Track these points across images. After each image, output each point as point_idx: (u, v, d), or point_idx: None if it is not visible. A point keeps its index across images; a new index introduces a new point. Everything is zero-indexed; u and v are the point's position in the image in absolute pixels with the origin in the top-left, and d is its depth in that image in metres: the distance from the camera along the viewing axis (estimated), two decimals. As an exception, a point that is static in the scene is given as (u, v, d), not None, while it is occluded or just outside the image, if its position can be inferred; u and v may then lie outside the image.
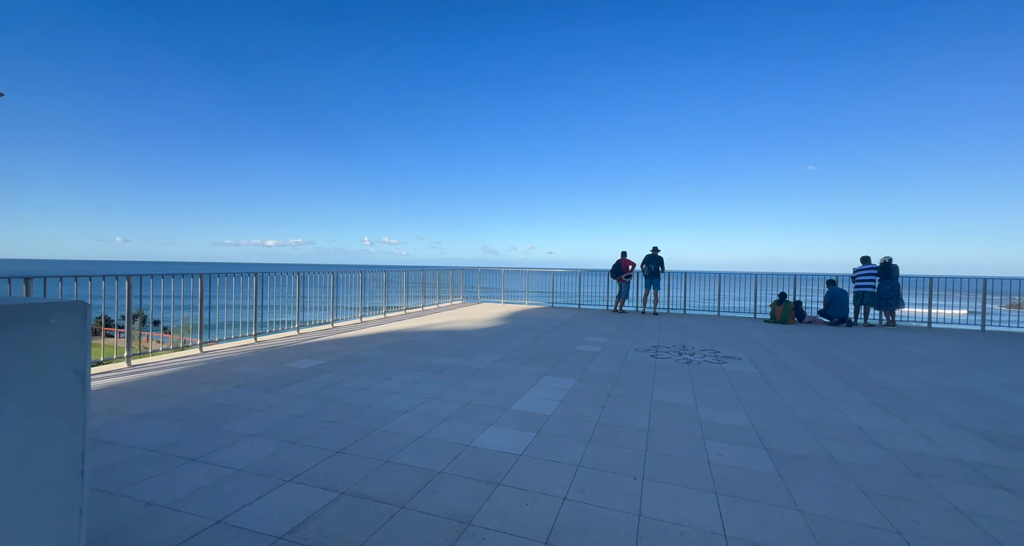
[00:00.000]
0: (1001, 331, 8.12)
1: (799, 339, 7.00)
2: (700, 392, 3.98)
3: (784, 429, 3.09)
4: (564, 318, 9.24)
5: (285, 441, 2.73)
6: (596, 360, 5.25)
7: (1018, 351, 6.18)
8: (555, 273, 12.01)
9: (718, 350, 5.96)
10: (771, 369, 4.90)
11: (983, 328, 8.28)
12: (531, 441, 2.83)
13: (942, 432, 3.05)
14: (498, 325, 8.11)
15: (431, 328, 7.63)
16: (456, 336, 6.80)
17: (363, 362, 4.94)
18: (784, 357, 5.57)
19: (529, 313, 10.19)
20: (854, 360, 5.43)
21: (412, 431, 2.97)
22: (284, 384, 3.99)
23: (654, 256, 10.18)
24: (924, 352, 6.01)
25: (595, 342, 6.46)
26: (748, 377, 4.54)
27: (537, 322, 8.56)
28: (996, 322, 8.54)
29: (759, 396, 3.87)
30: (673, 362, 5.21)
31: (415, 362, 4.99)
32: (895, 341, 6.90)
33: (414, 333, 7.05)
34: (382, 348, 5.77)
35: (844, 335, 7.47)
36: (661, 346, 6.22)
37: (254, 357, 5.08)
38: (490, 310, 10.78)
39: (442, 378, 4.32)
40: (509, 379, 4.33)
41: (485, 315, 9.69)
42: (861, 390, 4.10)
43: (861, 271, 8.79)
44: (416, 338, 6.58)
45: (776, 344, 6.52)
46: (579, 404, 3.60)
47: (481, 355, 5.43)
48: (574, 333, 7.26)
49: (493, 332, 7.26)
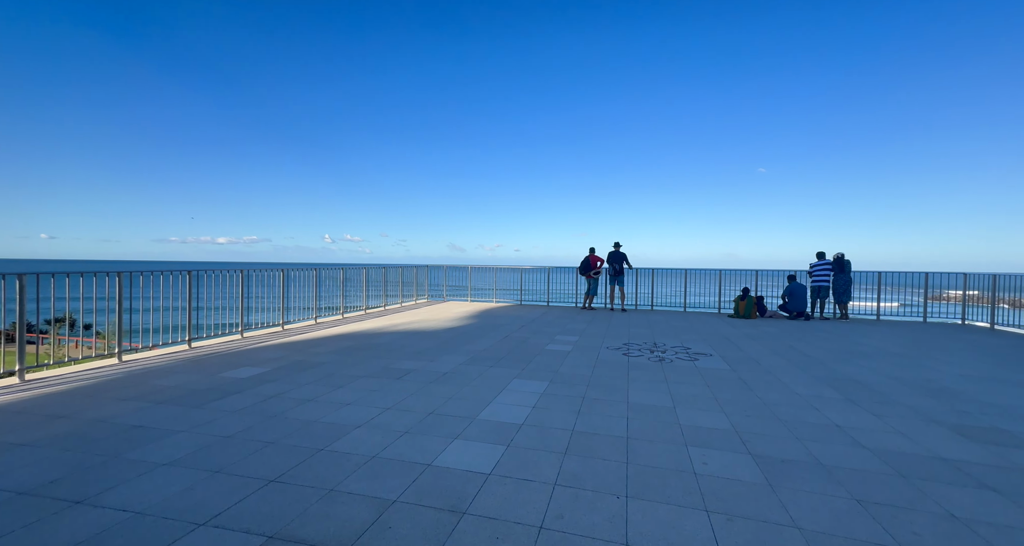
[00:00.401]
0: (940, 322, 8.64)
1: (763, 333, 7.10)
2: (676, 392, 3.82)
3: (765, 431, 2.96)
4: (533, 316, 9.00)
5: (206, 470, 2.28)
6: (568, 360, 5.02)
7: (961, 341, 6.53)
8: (523, 270, 11.77)
9: (688, 346, 5.89)
10: (742, 365, 4.85)
11: (924, 320, 8.80)
12: (501, 456, 2.53)
13: (916, 428, 3.02)
14: (465, 324, 7.75)
15: (393, 329, 7.16)
16: (419, 337, 6.39)
17: (313, 368, 4.45)
18: (752, 352, 5.57)
19: (497, 311, 9.89)
20: (818, 354, 5.51)
21: (364, 449, 2.59)
22: (216, 398, 3.47)
23: (617, 253, 10.14)
24: (879, 344, 6.21)
25: (566, 341, 6.24)
26: (721, 374, 4.44)
27: (505, 321, 8.27)
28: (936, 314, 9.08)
29: (735, 395, 3.75)
30: (646, 360, 5.07)
31: (373, 367, 4.55)
32: (850, 334, 7.14)
33: (374, 334, 6.57)
34: (337, 352, 5.27)
35: (804, 328, 7.67)
36: (632, 343, 6.09)
37: (185, 366, 4.47)
38: (456, 309, 10.39)
39: (402, 385, 3.93)
40: (476, 384, 4.00)
41: (451, 314, 9.29)
42: (831, 385, 4.08)
43: (816, 266, 9.11)
44: (376, 340, 6.11)
45: (742, 339, 6.55)
46: (552, 410, 3.33)
47: (446, 357, 5.07)
48: (544, 332, 7.02)
49: (459, 332, 6.90)
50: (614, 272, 10.18)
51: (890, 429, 2.99)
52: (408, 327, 7.37)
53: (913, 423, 3.11)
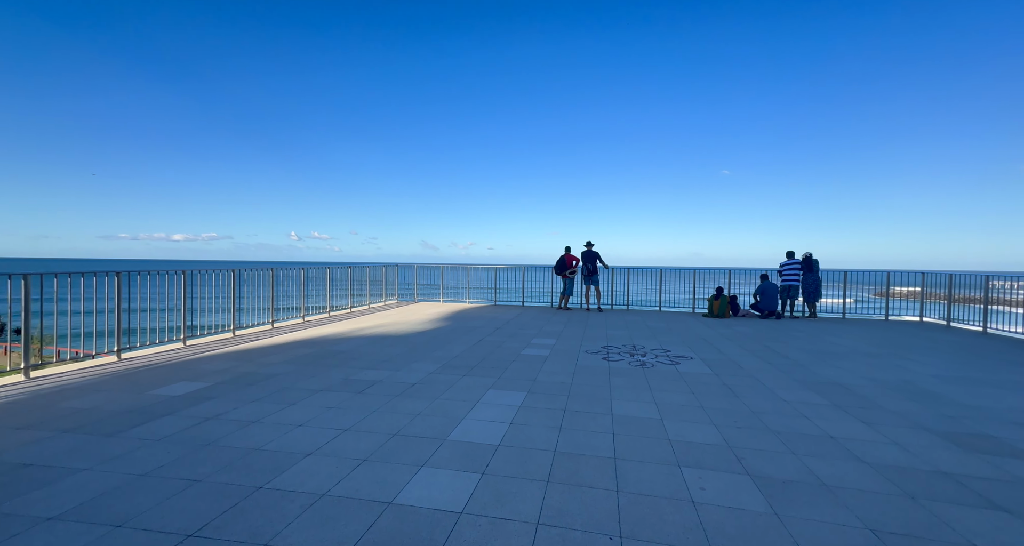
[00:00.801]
0: (900, 320, 8.95)
1: (738, 334, 7.07)
2: (661, 401, 3.60)
3: (759, 444, 2.76)
4: (508, 317, 8.69)
5: (104, 525, 1.83)
6: (546, 366, 4.73)
7: (925, 340, 6.70)
8: (497, 269, 11.44)
9: (668, 349, 5.74)
10: (724, 369, 4.71)
11: (886, 317, 9.09)
12: (475, 487, 2.20)
13: (908, 437, 2.90)
14: (436, 327, 7.35)
15: (358, 333, 6.68)
16: (387, 342, 5.95)
17: (263, 382, 3.96)
18: (731, 354, 5.47)
19: (470, 313, 9.52)
20: (795, 355, 5.47)
21: (314, 484, 2.19)
22: (139, 422, 2.96)
23: (589, 252, 9.98)
24: (850, 344, 6.27)
25: (543, 344, 5.97)
26: (704, 379, 4.27)
27: (479, 323, 7.92)
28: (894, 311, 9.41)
29: (722, 403, 3.57)
30: (627, 365, 4.85)
31: (332, 379, 4.11)
32: (821, 333, 7.22)
33: (337, 340, 6.07)
34: (293, 361, 4.78)
35: (776, 328, 7.73)
36: (612, 346, 5.88)
37: (108, 382, 3.89)
38: (428, 310, 9.94)
39: (364, 400, 3.53)
40: (448, 396, 3.65)
41: (422, 316, 8.85)
42: (814, 389, 3.98)
43: (786, 266, 9.25)
44: (338, 347, 5.63)
45: (720, 340, 6.48)
46: (531, 426, 3.03)
47: (415, 365, 4.68)
48: (520, 334, 6.72)
49: (430, 336, 6.50)
50: (587, 272, 10.02)
51: (883, 439, 2.86)
52: (375, 331, 6.90)
53: (904, 431, 2.99)
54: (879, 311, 9.51)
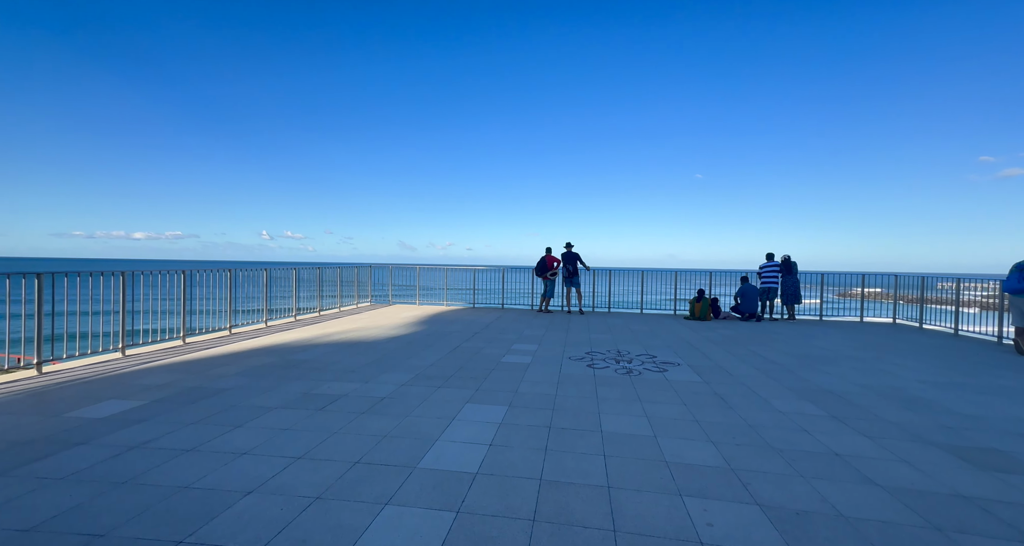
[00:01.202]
0: (875, 322, 9.10)
1: (722, 337, 6.95)
2: (653, 414, 3.33)
3: (763, 465, 2.52)
4: (487, 321, 8.35)
5: (-47, 612, 1.40)
6: (528, 375, 4.42)
7: (902, 342, 6.74)
8: (476, 270, 11.07)
9: (654, 355, 5.52)
10: (713, 376, 4.51)
11: (861, 319, 9.22)
12: (448, 531, 1.85)
13: (915, 453, 2.73)
14: (411, 332, 6.93)
15: (326, 339, 6.19)
16: (356, 350, 5.50)
17: (208, 399, 3.49)
18: (719, 359, 5.30)
19: (448, 316, 9.12)
20: (782, 360, 5.34)
21: (250, 535, 1.80)
22: (43, 455, 2.47)
23: (569, 253, 9.76)
24: (833, 347, 6.23)
25: (524, 351, 5.65)
26: (695, 388, 4.05)
27: (457, 327, 7.54)
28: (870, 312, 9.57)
29: (716, 415, 3.34)
30: (613, 372, 4.59)
31: (290, 393, 3.67)
32: (803, 335, 7.19)
33: (301, 347, 5.58)
34: (248, 373, 4.29)
35: (758, 331, 7.67)
36: (596, 352, 5.62)
37: (19, 403, 3.33)
38: (403, 313, 9.48)
39: (325, 419, 3.12)
40: (420, 413, 3.28)
41: (396, 320, 8.40)
42: (807, 397, 3.81)
43: (765, 268, 9.26)
44: (302, 355, 5.15)
45: (705, 344, 6.33)
46: (514, 448, 2.70)
47: (385, 376, 4.28)
48: (499, 340, 6.39)
49: (404, 342, 6.08)
50: (568, 273, 9.78)
51: (890, 456, 2.67)
52: (344, 337, 6.43)
53: (909, 446, 2.82)
54: (853, 312, 9.65)
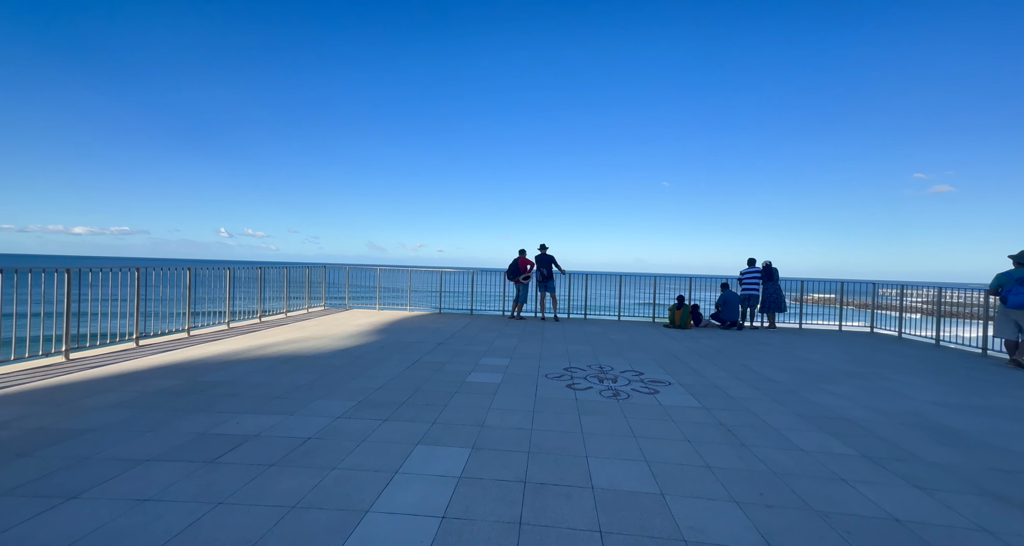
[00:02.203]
0: (853, 330, 8.92)
1: (708, 349, 6.45)
2: (654, 456, 2.66)
3: (810, 541, 1.87)
4: (454, 329, 7.52)
5: None
6: (498, 400, 3.66)
7: (891, 353, 6.44)
8: (444, 273, 10.21)
9: (640, 371, 4.89)
10: (711, 399, 3.91)
11: (840, 327, 9.04)
12: None
13: (989, 515, 2.16)
14: (364, 343, 6.02)
15: (258, 353, 5.20)
16: (292, 366, 4.57)
17: (56, 447, 2.52)
18: (711, 376, 4.73)
19: (410, 323, 8.23)
20: (778, 376, 4.84)
21: None
22: None
23: (544, 256, 9.12)
24: (823, 360, 5.82)
25: (493, 366, 4.89)
26: (695, 416, 3.42)
27: (419, 336, 6.68)
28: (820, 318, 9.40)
29: (731, 458, 2.70)
30: (598, 395, 3.91)
31: (179, 435, 2.75)
32: (789, 346, 6.80)
33: (222, 364, 4.58)
34: (132, 404, 3.31)
35: (743, 341, 7.24)
36: (575, 368, 4.93)
37: None
38: (359, 320, 8.50)
39: (215, 476, 2.24)
40: (354, 463, 2.46)
41: (349, 328, 7.43)
42: (824, 427, 3.25)
43: (747, 274, 8.92)
44: (219, 375, 4.17)
45: (691, 357, 5.78)
46: (477, 521, 1.94)
47: (320, 404, 3.41)
48: (466, 352, 5.60)
49: (353, 356, 5.18)
50: (542, 277, 9.12)
51: (963, 522, 2.09)
52: (281, 349, 5.45)
53: (974, 503, 2.26)
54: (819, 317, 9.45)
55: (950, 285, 7.35)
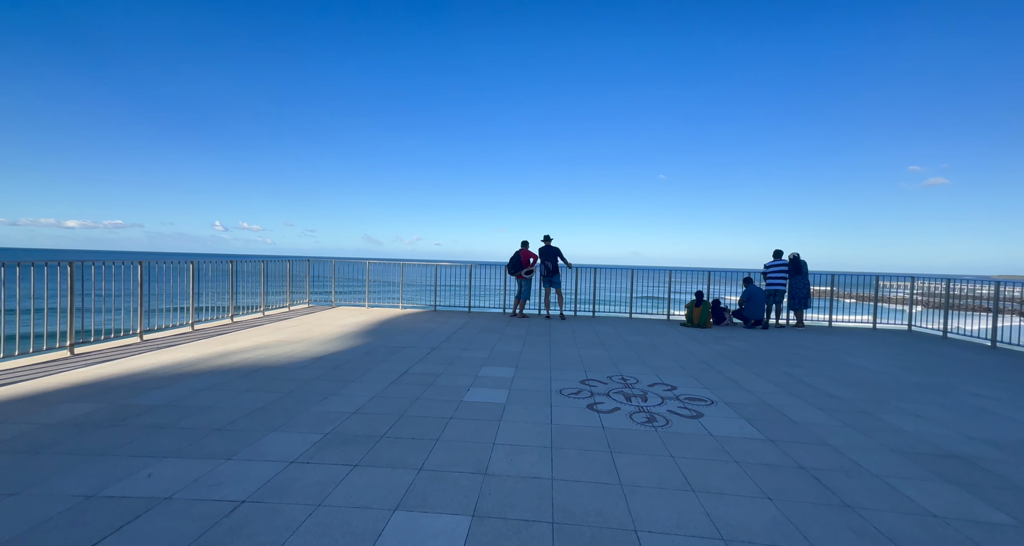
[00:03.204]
0: (889, 329, 8.16)
1: (739, 352, 5.67)
2: (732, 530, 1.86)
3: None
4: (449, 330, 6.71)
5: None
6: (503, 432, 2.86)
7: (947, 358, 5.67)
8: (439, 267, 9.37)
9: (671, 384, 4.10)
10: (770, 425, 3.12)
11: (874, 326, 8.27)
12: None
13: None
14: (346, 348, 5.20)
15: (215, 363, 4.37)
16: (252, 382, 3.74)
17: None
18: (757, 391, 3.94)
19: (401, 323, 7.41)
20: (836, 390, 4.05)
21: None
22: None
23: (548, 248, 8.31)
24: (877, 366, 5.05)
25: (496, 379, 4.08)
26: (762, 455, 2.63)
27: (410, 339, 5.87)
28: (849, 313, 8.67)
29: (843, 533, 1.90)
30: (629, 421, 3.11)
31: (55, 498, 1.93)
32: (830, 350, 6.02)
33: (163, 378, 3.75)
34: (12, 443, 2.48)
35: (774, 342, 6.47)
36: (594, 381, 4.13)
37: None
38: (345, 319, 7.67)
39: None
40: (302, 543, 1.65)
41: (333, 329, 6.61)
42: (937, 470, 2.47)
43: (773, 267, 8.12)
44: (151, 397, 3.35)
45: (723, 363, 4.99)
46: None
47: (272, 440, 2.59)
48: (463, 360, 4.79)
49: (330, 366, 4.37)
50: (547, 271, 8.31)
51: None
52: (247, 358, 4.62)
53: None
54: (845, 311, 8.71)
55: (956, 277, 6.60)
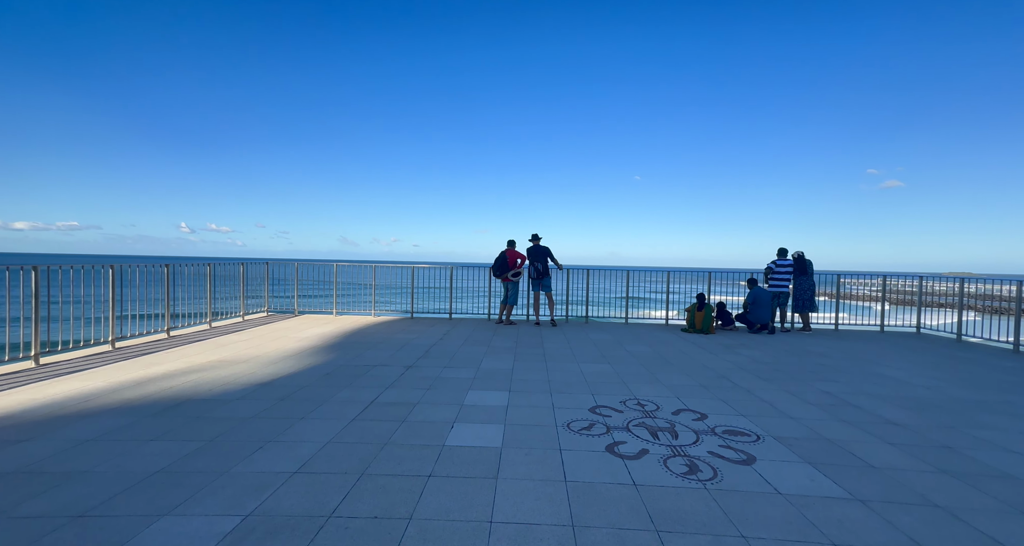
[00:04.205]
0: (899, 331, 7.75)
1: (757, 364, 5.04)
2: None
3: None
4: (428, 341, 5.86)
5: None
6: (501, 498, 2.06)
7: (982, 367, 5.18)
8: (416, 268, 8.48)
9: (701, 411, 3.39)
10: (846, 474, 2.43)
11: (882, 329, 7.85)
12: None
13: None
14: (302, 368, 4.29)
15: (124, 396, 3.39)
16: (163, 426, 2.81)
17: None
18: (802, 417, 3.27)
19: (373, 334, 6.50)
20: (890, 413, 3.43)
21: None
22: None
23: (537, 247, 7.59)
24: (926, 382, 4.48)
25: (486, 409, 3.27)
26: (855, 524, 1.92)
27: (382, 354, 4.99)
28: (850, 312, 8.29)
29: None
30: (664, 472, 2.36)
31: None
32: (854, 358, 5.46)
33: (44, 422, 2.78)
34: None
35: (787, 349, 5.89)
36: (606, 408, 3.38)
37: None
38: (307, 330, 6.70)
39: None
40: None
41: (289, 343, 5.65)
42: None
43: (779, 266, 7.60)
44: (8, 455, 2.39)
45: (746, 378, 4.34)
46: None
47: (155, 535, 1.71)
48: (445, 382, 3.96)
49: (277, 395, 3.46)
50: (536, 273, 7.56)
51: None
52: (171, 387, 3.65)
53: None
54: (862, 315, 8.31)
55: (972, 277, 6.24)
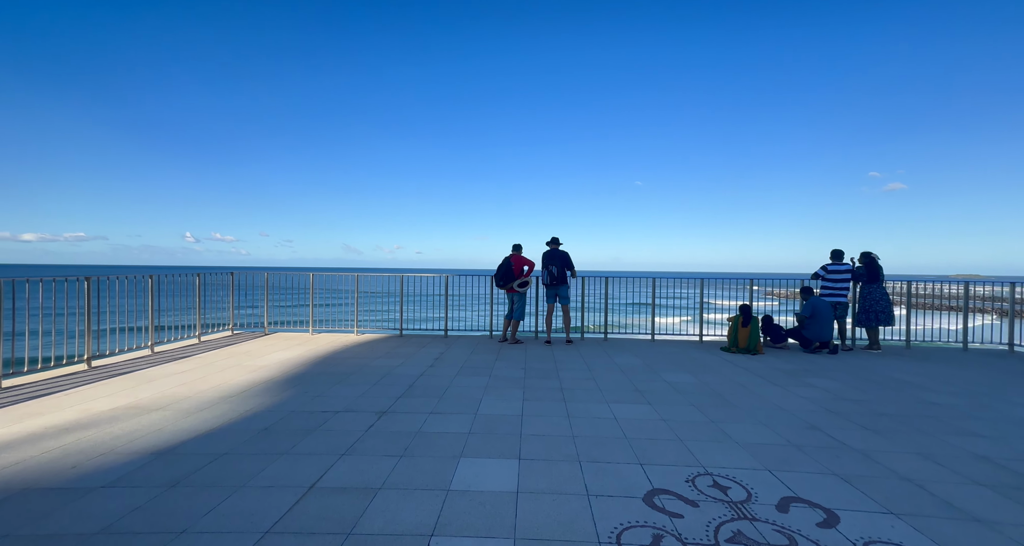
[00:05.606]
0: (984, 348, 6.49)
1: (845, 402, 3.82)
2: None
3: None
4: (415, 370, 4.69)
5: None
6: None
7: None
8: (404, 277, 7.31)
9: (823, 505, 2.18)
10: None
11: (965, 347, 6.58)
12: None
13: None
14: (230, 422, 3.11)
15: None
16: None
17: None
18: (973, 510, 2.07)
19: (349, 358, 5.34)
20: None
21: None
22: None
23: (554, 251, 6.45)
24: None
25: (485, 497, 2.09)
26: None
27: (352, 389, 3.82)
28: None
29: None
30: None
31: None
32: (971, 392, 4.23)
33: None
34: None
35: (867, 376, 4.66)
36: (668, 494, 2.18)
37: None
38: (271, 355, 5.55)
39: None
40: None
41: (239, 375, 4.49)
42: None
43: (832, 272, 6.39)
44: None
45: (848, 429, 3.13)
46: None
47: None
48: (427, 444, 2.78)
49: (169, 477, 2.28)
50: (551, 279, 6.41)
51: None
52: (24, 459, 2.49)
53: None
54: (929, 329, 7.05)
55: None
